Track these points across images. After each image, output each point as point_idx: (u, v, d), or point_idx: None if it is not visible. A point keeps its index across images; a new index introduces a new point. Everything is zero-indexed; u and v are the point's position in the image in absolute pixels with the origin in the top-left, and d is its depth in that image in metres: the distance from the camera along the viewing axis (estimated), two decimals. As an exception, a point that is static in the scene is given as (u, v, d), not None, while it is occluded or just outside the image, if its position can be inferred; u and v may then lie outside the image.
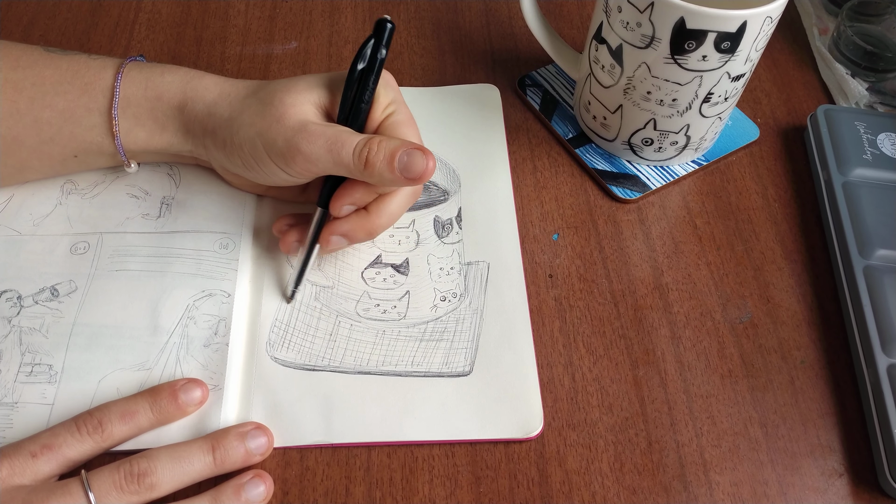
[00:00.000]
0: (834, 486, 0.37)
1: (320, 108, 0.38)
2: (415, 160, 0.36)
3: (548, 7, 0.58)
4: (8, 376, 0.38)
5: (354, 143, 0.36)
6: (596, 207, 0.47)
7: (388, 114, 0.39)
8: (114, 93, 0.39)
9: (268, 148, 0.37)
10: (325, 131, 0.36)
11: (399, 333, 0.41)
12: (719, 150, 0.50)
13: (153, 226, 0.43)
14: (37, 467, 0.33)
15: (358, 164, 0.36)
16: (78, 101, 0.39)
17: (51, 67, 0.40)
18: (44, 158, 0.41)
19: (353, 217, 0.39)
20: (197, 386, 0.37)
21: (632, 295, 0.43)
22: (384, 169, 0.35)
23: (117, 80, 0.39)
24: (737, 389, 0.40)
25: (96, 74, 0.40)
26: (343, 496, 0.36)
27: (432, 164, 0.36)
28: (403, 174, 0.36)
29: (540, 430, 0.38)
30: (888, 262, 0.43)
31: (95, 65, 0.40)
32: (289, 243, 0.41)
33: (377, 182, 0.37)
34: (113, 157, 0.42)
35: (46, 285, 0.41)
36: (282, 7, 0.57)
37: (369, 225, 0.39)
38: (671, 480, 0.37)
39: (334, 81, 0.38)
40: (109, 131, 0.40)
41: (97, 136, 0.40)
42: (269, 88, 0.38)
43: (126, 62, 0.40)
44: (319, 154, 0.36)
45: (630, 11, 0.41)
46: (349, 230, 0.39)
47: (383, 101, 0.38)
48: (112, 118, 0.39)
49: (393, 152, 0.35)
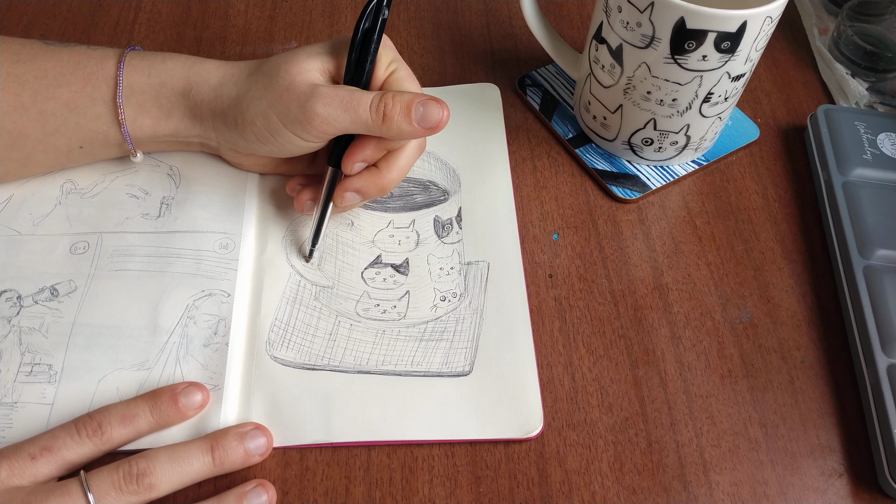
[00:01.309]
0: (834, 486, 0.37)
1: (325, 73, 0.39)
2: (430, 110, 0.37)
3: (548, 7, 0.58)
4: (8, 376, 0.38)
5: (370, 100, 0.37)
6: (596, 207, 0.47)
7: (391, 71, 0.40)
8: (117, 81, 0.39)
9: (282, 116, 0.38)
10: (337, 92, 0.37)
11: (399, 333, 0.41)
12: (719, 150, 0.50)
13: (153, 226, 0.43)
14: (36, 469, 0.33)
15: (376, 119, 0.37)
16: (82, 91, 0.39)
17: (52, 60, 0.40)
18: (49, 151, 0.41)
19: (365, 174, 0.40)
20: (197, 390, 0.37)
21: (632, 295, 0.43)
22: (402, 121, 0.37)
23: (119, 68, 0.40)
24: (737, 389, 0.40)
25: (98, 64, 0.40)
26: (343, 496, 0.36)
27: (447, 113, 0.38)
28: (420, 124, 0.37)
29: (540, 430, 0.38)
30: (888, 262, 0.43)
31: (96, 55, 0.40)
32: (302, 201, 0.42)
33: (394, 135, 0.38)
34: (119, 147, 0.42)
35: (46, 285, 0.41)
36: (282, 7, 0.57)
37: (381, 181, 0.40)
38: (671, 480, 0.37)
39: (335, 47, 0.39)
40: (115, 120, 0.40)
41: (103, 125, 0.40)
42: (272, 62, 0.39)
43: (126, 51, 0.40)
44: (336, 114, 0.37)
45: (630, 11, 0.41)
46: (362, 186, 0.40)
47: (385, 60, 0.40)
48: (117, 107, 0.39)
49: (408, 104, 0.37)
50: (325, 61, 0.39)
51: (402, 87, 0.39)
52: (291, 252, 0.43)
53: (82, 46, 0.41)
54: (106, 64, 0.40)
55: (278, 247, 0.43)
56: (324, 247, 0.43)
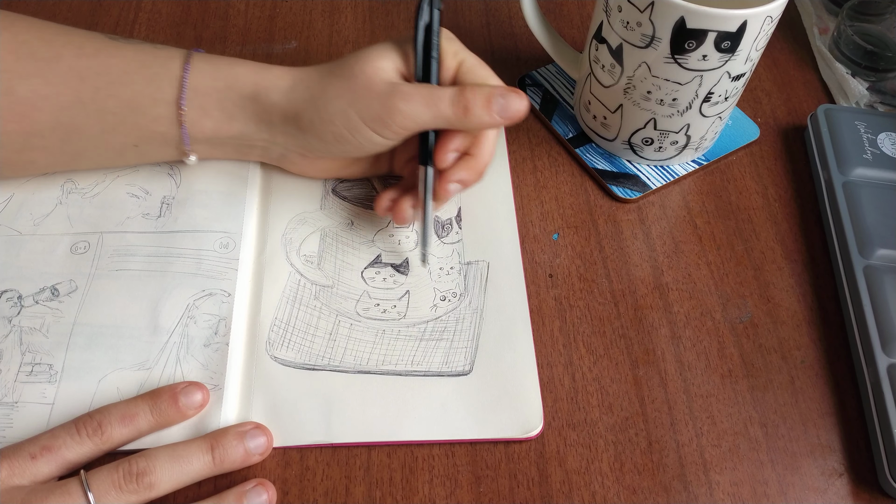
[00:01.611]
0: (834, 486, 0.37)
1: (397, 71, 0.39)
2: (511, 101, 0.38)
3: (548, 7, 0.58)
4: (8, 376, 0.38)
5: (450, 95, 0.38)
6: (596, 207, 0.47)
7: (459, 61, 0.40)
8: (182, 83, 0.39)
9: (362, 114, 0.38)
10: (417, 89, 0.38)
11: (399, 333, 0.41)
12: (719, 150, 0.50)
13: (153, 225, 0.43)
14: (36, 469, 0.33)
15: (458, 113, 0.38)
16: (144, 91, 0.39)
17: (116, 56, 0.39)
18: (102, 148, 0.41)
19: (461, 163, 0.41)
20: (198, 389, 0.37)
21: (632, 295, 0.43)
22: (483, 113, 0.38)
23: (185, 70, 0.39)
24: (737, 389, 0.40)
25: (163, 65, 0.39)
26: (343, 496, 0.36)
27: (526, 102, 0.39)
28: (501, 115, 0.38)
29: (540, 430, 0.38)
30: (888, 262, 0.43)
31: (162, 55, 0.40)
32: (404, 212, 0.42)
33: (475, 127, 0.39)
34: (175, 148, 0.42)
35: (47, 285, 0.41)
36: (282, 7, 0.57)
37: (478, 165, 0.41)
38: (671, 480, 0.37)
39: (401, 44, 0.40)
40: (174, 121, 0.40)
41: (162, 125, 0.40)
42: (344, 64, 0.39)
43: (192, 52, 0.40)
44: (418, 110, 0.37)
45: (630, 11, 0.41)
46: (463, 176, 0.41)
47: (450, 51, 0.40)
48: (180, 108, 0.39)
49: (488, 97, 0.38)
50: (396, 60, 0.39)
51: (476, 75, 0.40)
52: (291, 251, 0.43)
53: (147, 44, 0.41)
54: (171, 65, 0.39)
55: (278, 245, 0.43)
56: (323, 246, 0.43)
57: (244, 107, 0.40)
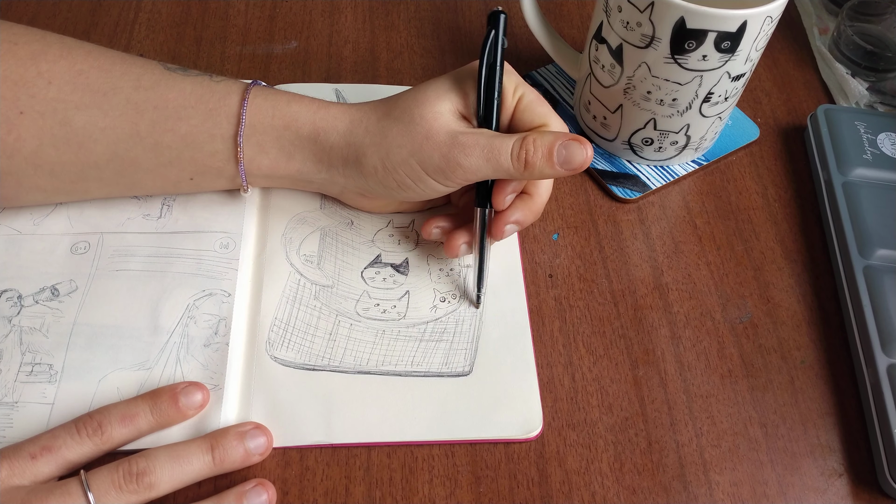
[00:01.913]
0: (834, 486, 0.37)
1: (456, 113, 0.38)
2: (573, 151, 0.37)
3: (548, 7, 0.58)
4: (8, 376, 0.38)
5: (510, 147, 0.37)
6: (596, 207, 0.47)
7: (519, 97, 0.39)
8: (240, 119, 0.39)
9: (424, 166, 0.37)
10: (478, 140, 0.37)
11: (399, 333, 0.41)
12: (719, 150, 0.50)
13: (154, 226, 0.43)
14: (36, 469, 0.33)
15: (518, 167, 0.37)
16: (201, 126, 0.39)
17: (174, 90, 0.39)
18: (158, 180, 0.41)
19: (518, 203, 0.40)
20: (198, 389, 0.37)
21: (632, 295, 0.43)
22: (544, 166, 0.37)
23: (243, 106, 0.39)
24: (737, 389, 0.40)
25: (221, 100, 0.39)
26: (343, 496, 0.36)
27: (590, 152, 0.37)
28: (564, 167, 0.37)
29: (540, 431, 0.38)
30: (888, 262, 0.43)
31: (219, 89, 0.39)
32: (456, 247, 0.41)
33: (537, 178, 0.38)
34: (230, 181, 0.41)
35: (47, 285, 0.41)
36: (282, 7, 0.57)
37: (535, 205, 0.41)
38: (671, 480, 0.37)
39: (459, 80, 0.39)
40: (231, 157, 0.39)
41: (218, 161, 0.39)
42: (401, 106, 0.38)
43: (250, 87, 0.40)
44: (479, 164, 0.37)
45: (630, 11, 0.41)
46: (520, 217, 0.40)
47: (510, 88, 0.39)
48: (237, 144, 0.39)
49: (550, 148, 0.37)
50: (454, 100, 0.38)
51: (534, 113, 0.39)
52: (291, 250, 0.43)
53: (205, 76, 0.40)
54: (229, 101, 0.39)
55: (278, 245, 0.43)
56: (323, 246, 0.43)
57: (303, 147, 0.39)
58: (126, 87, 0.38)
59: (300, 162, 0.40)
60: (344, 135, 0.39)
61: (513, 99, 0.39)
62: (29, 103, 0.37)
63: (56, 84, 0.37)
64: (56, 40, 0.39)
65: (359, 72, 0.53)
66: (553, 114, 0.39)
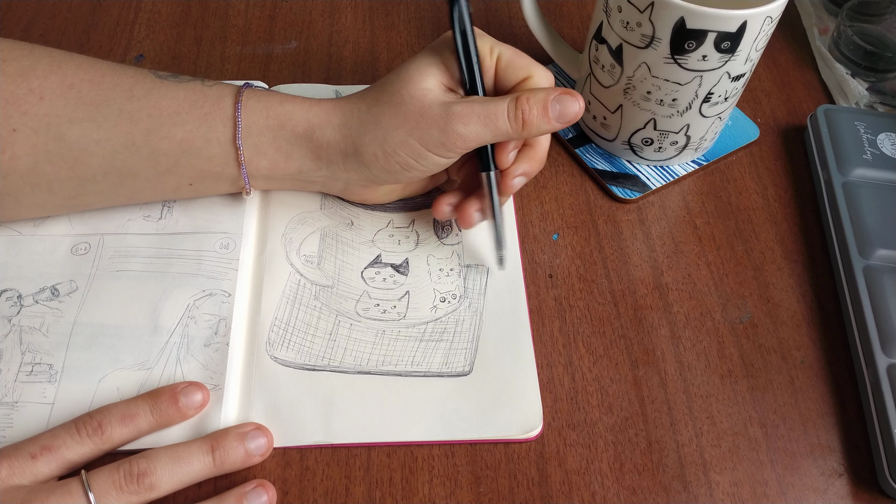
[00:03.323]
0: (834, 486, 0.37)
1: (442, 86, 0.39)
2: (567, 104, 0.38)
3: (548, 7, 0.58)
4: (8, 376, 0.38)
5: (506, 109, 0.37)
6: (596, 207, 0.47)
7: (497, 56, 0.40)
8: (236, 122, 0.39)
9: (424, 142, 0.38)
10: (472, 108, 0.37)
11: (399, 333, 0.41)
12: (719, 150, 0.50)
13: (154, 227, 0.43)
14: (36, 468, 0.33)
15: (516, 127, 0.37)
16: (197, 131, 0.39)
17: (167, 97, 0.39)
18: (158, 188, 0.41)
19: (521, 157, 0.41)
20: (198, 389, 0.37)
21: (632, 295, 0.43)
22: (541, 122, 0.38)
23: (237, 109, 0.39)
24: (737, 389, 0.40)
25: (215, 104, 0.39)
26: (343, 496, 0.36)
27: (582, 103, 0.38)
28: (559, 120, 0.38)
29: (540, 430, 0.38)
30: (888, 262, 0.43)
31: (212, 93, 0.39)
32: (470, 216, 0.41)
33: (535, 135, 0.39)
34: (232, 184, 0.41)
35: (47, 285, 0.41)
36: (282, 7, 0.57)
37: (538, 154, 0.41)
38: (671, 480, 0.37)
39: (438, 54, 0.39)
40: (229, 160, 0.39)
41: (216, 165, 0.40)
42: (388, 89, 0.39)
43: (242, 89, 0.40)
44: (478, 131, 0.37)
45: (630, 11, 0.41)
46: (527, 169, 0.41)
47: (485, 50, 0.39)
48: (236, 147, 0.39)
49: (544, 104, 0.37)
50: (438, 74, 0.38)
51: (516, 67, 0.39)
52: (291, 251, 0.43)
53: (197, 82, 0.40)
54: (223, 104, 0.39)
55: (278, 245, 0.43)
56: (323, 246, 0.43)
57: (300, 145, 0.40)
58: (118, 97, 0.38)
59: (299, 160, 0.40)
60: (339, 128, 0.39)
61: (491, 59, 0.39)
62: (21, 120, 0.37)
63: (48, 99, 0.37)
64: (45, 54, 0.38)
65: (359, 72, 0.53)
66: (535, 63, 0.40)
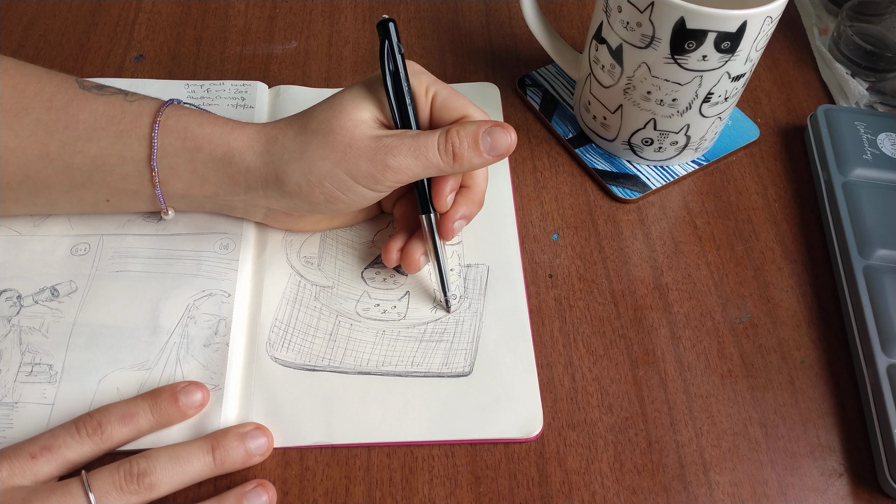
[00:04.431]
0: (834, 486, 0.37)
1: (375, 120, 0.38)
2: (498, 137, 0.37)
3: (548, 7, 0.58)
4: (8, 376, 0.38)
5: (436, 142, 0.37)
6: (596, 207, 0.47)
7: (433, 96, 0.39)
8: (151, 142, 0.38)
9: (352, 173, 0.37)
10: (402, 141, 0.37)
11: (399, 334, 0.41)
12: (719, 150, 0.50)
13: (154, 228, 0.43)
14: (36, 468, 0.33)
15: (447, 160, 0.37)
16: (111, 148, 0.38)
17: (86, 110, 0.38)
18: (74, 201, 0.40)
19: (460, 199, 0.40)
20: (198, 389, 0.37)
21: (632, 295, 0.43)
22: (472, 155, 0.37)
23: (155, 128, 0.38)
24: (737, 389, 0.40)
25: (132, 122, 0.38)
26: (343, 496, 0.36)
27: (514, 136, 0.38)
28: (490, 154, 0.37)
29: (540, 431, 0.38)
30: (888, 262, 0.43)
31: (132, 109, 0.38)
32: (416, 261, 0.41)
33: (467, 169, 0.38)
34: (150, 203, 0.40)
35: (46, 285, 0.41)
36: (282, 7, 0.57)
37: (477, 197, 0.41)
38: (671, 480, 0.37)
39: (372, 88, 0.38)
40: (144, 180, 0.39)
41: (131, 184, 0.39)
42: (318, 118, 0.38)
43: (163, 108, 0.39)
44: (408, 163, 0.37)
45: (630, 11, 0.41)
46: (465, 212, 0.40)
47: (421, 89, 0.39)
48: (151, 168, 0.38)
49: (474, 137, 0.37)
50: (372, 109, 0.38)
51: (451, 107, 0.39)
52: (291, 252, 0.43)
53: (119, 96, 0.39)
54: (140, 122, 0.38)
55: (278, 247, 0.43)
56: (324, 247, 0.43)
57: (217, 169, 0.38)
58: (38, 106, 0.37)
59: (214, 185, 0.39)
60: (261, 155, 0.38)
61: (426, 99, 0.39)
62: None
63: None
64: None
65: (359, 72, 0.53)
66: (470, 104, 0.39)
